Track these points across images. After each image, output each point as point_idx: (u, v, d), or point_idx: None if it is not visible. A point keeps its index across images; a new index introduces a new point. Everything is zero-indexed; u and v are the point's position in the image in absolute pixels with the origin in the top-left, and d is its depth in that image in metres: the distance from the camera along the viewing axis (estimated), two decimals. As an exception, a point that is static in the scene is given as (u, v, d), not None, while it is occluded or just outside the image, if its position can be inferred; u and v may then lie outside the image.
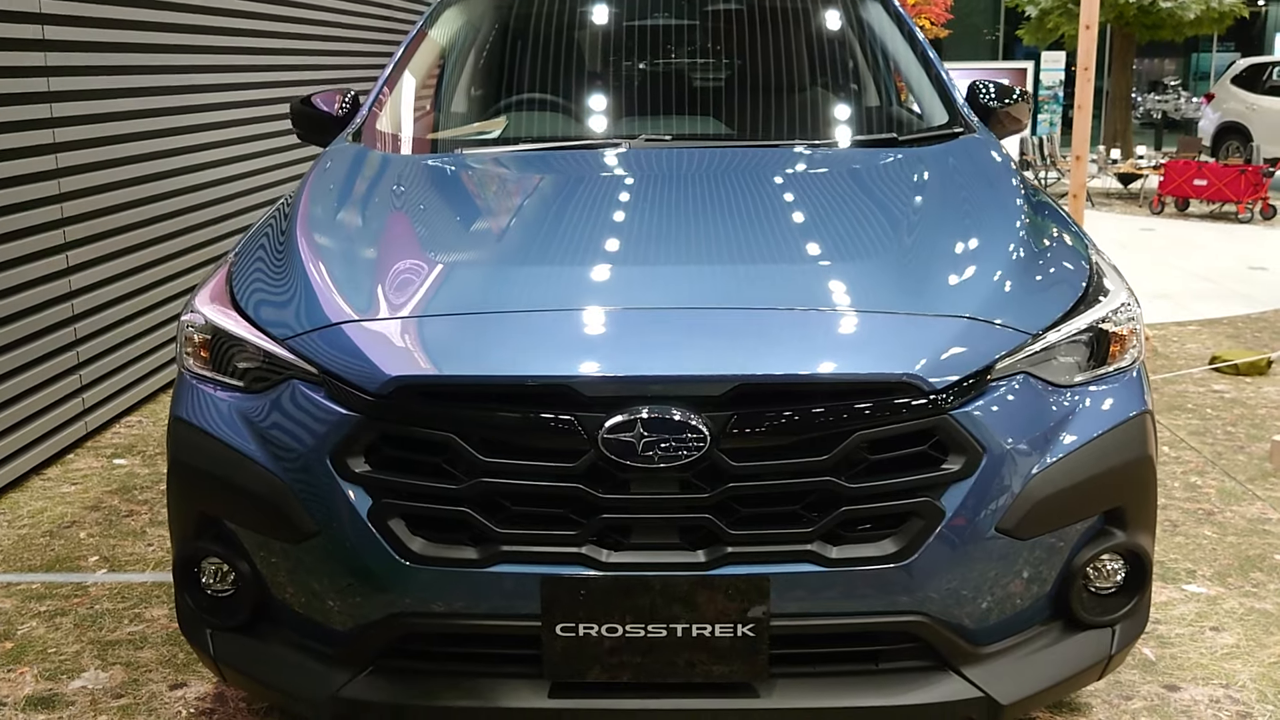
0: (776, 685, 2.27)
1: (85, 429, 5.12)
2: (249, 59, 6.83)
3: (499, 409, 2.19)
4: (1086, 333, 2.41)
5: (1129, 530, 2.40)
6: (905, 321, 2.32)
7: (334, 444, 2.24)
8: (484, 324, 2.34)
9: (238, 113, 6.66)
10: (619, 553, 2.21)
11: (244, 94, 6.74)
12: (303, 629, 2.39)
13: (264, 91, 6.97)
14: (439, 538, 2.24)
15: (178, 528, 2.50)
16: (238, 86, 6.67)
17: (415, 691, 2.30)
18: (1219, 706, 2.95)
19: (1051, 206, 3.02)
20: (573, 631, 2.21)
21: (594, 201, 2.96)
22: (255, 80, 6.86)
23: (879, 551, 2.21)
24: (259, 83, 6.91)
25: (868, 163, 3.25)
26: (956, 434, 2.21)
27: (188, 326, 2.57)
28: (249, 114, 6.80)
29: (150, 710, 3.00)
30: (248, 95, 6.78)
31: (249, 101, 6.79)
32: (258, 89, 6.89)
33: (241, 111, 6.70)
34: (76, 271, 5.02)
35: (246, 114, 6.76)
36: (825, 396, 2.19)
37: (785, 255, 2.60)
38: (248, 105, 6.78)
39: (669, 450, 2.14)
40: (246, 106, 6.77)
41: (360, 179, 3.17)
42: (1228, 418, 5.51)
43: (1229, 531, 4.06)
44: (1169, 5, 17.09)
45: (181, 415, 2.49)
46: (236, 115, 6.64)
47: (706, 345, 2.25)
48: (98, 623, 3.47)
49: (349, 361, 2.27)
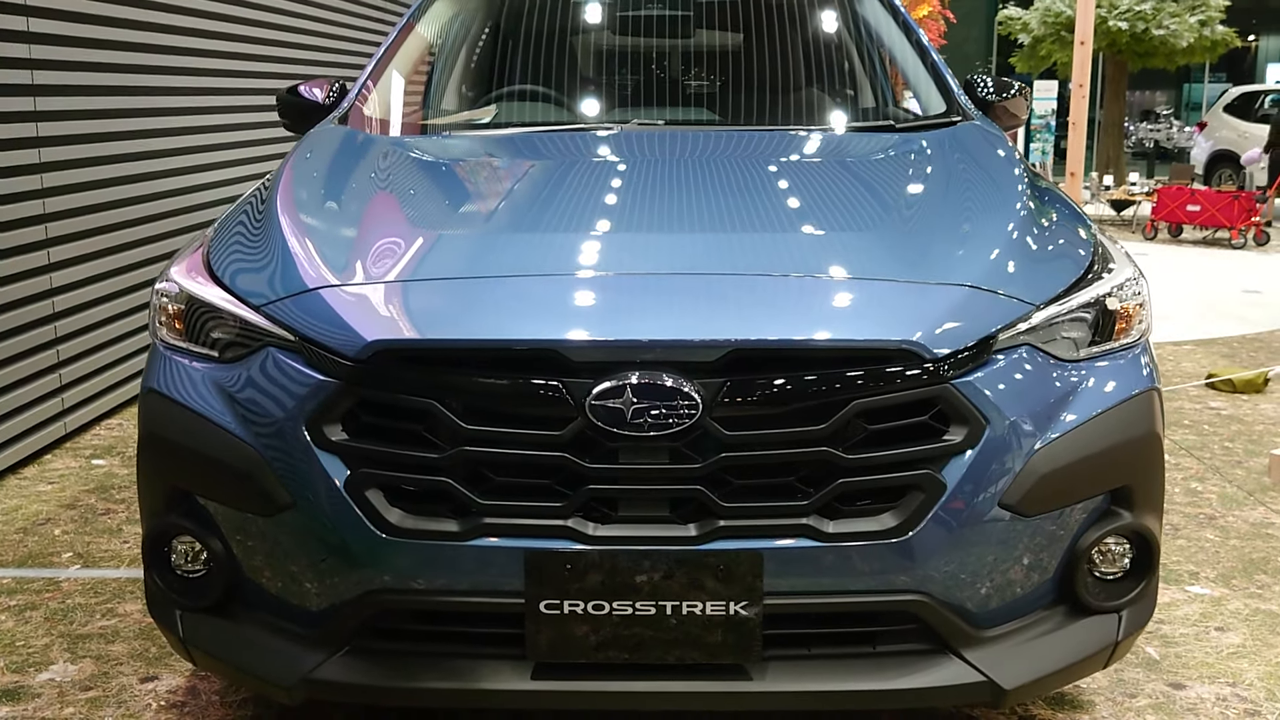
0: (770, 667, 2.17)
1: (64, 430, 5.02)
2: (230, 64, 6.77)
3: (482, 374, 2.10)
4: (1091, 307, 2.34)
5: (1135, 511, 2.31)
6: (905, 289, 2.24)
7: (310, 411, 2.15)
8: (468, 288, 2.25)
9: (221, 118, 6.57)
10: (606, 526, 2.12)
11: (226, 99, 6.65)
12: (275, 609, 2.28)
13: (244, 98, 6.90)
14: (418, 510, 2.14)
15: (148, 503, 2.40)
16: (220, 91, 6.60)
17: (392, 673, 2.20)
18: (1226, 704, 2.85)
19: (1053, 190, 2.95)
20: (557, 609, 2.11)
21: (585, 176, 2.89)
22: (236, 86, 6.77)
23: (878, 526, 2.12)
24: (240, 89, 6.81)
25: (865, 144, 3.18)
26: (958, 404, 2.12)
27: (161, 296, 2.48)
28: (232, 120, 6.71)
29: (119, 703, 2.88)
30: (229, 100, 6.69)
31: (231, 107, 6.70)
32: (239, 94, 6.79)
33: (224, 117, 6.60)
34: (58, 269, 4.93)
35: (229, 120, 6.68)
36: (822, 363, 2.10)
37: (781, 225, 2.52)
38: (231, 111, 6.70)
39: (659, 418, 2.06)
40: (229, 112, 6.68)
41: (344, 155, 3.09)
42: (1225, 434, 5.43)
43: (1231, 535, 3.97)
44: (1161, 33, 17.14)
45: (153, 386, 2.39)
46: (220, 120, 6.55)
47: (699, 310, 2.17)
48: (69, 617, 3.36)
49: (327, 327, 2.18)
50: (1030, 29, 18.72)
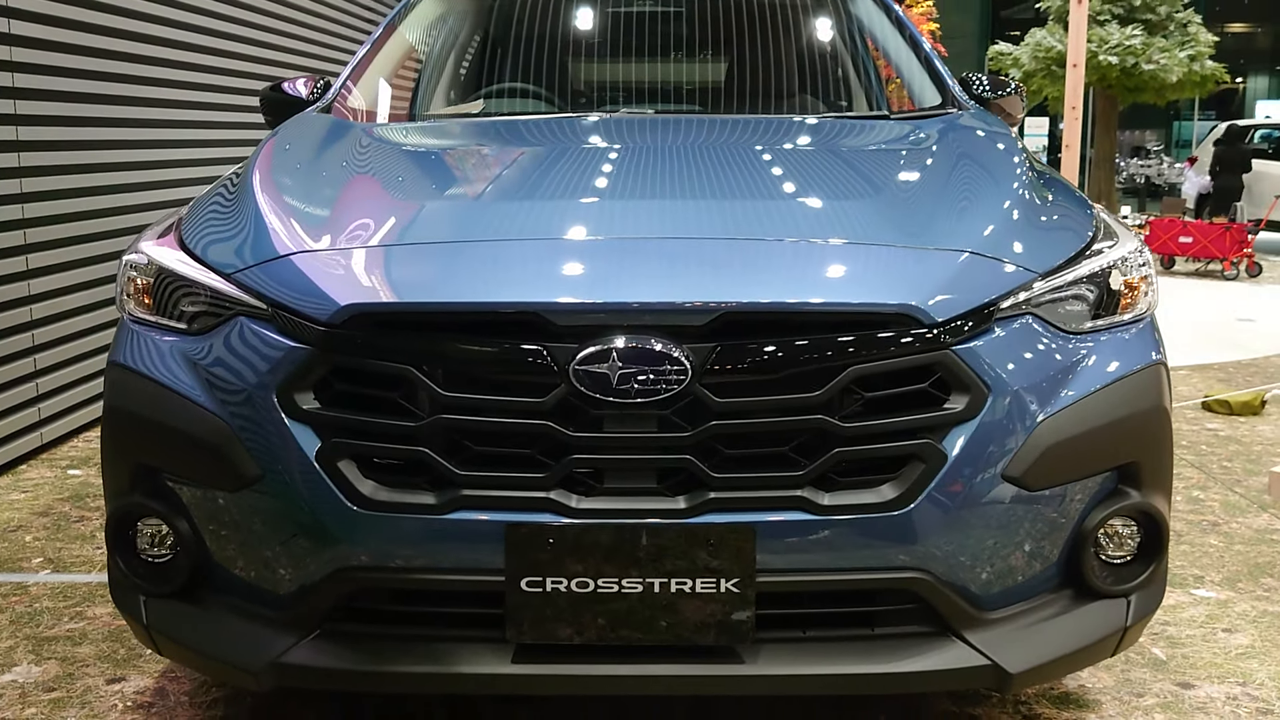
0: (763, 650, 2.06)
1: (41, 440, 4.90)
2: (208, 78, 6.71)
3: (461, 339, 2.01)
4: (1096, 278, 2.25)
5: (1144, 490, 2.21)
6: (903, 253, 2.15)
7: (280, 379, 2.05)
8: (447, 251, 2.17)
9: (202, 133, 6.49)
10: (591, 498, 2.01)
11: (207, 114, 6.58)
12: (244, 592, 2.17)
13: (224, 113, 6.83)
14: (393, 481, 2.04)
15: (112, 482, 2.29)
16: (201, 105, 6.53)
17: (365, 657, 2.08)
18: (1237, 703, 2.74)
19: (1053, 172, 2.88)
20: (539, 587, 2.00)
21: (573, 152, 2.81)
22: (215, 101, 6.70)
23: (876, 498, 2.01)
24: (218, 104, 6.74)
25: (861, 128, 3.11)
26: (959, 371, 2.03)
27: (130, 267, 2.38)
28: (212, 118, 6.61)
29: (84, 704, 2.76)
30: (210, 116, 6.62)
31: (212, 123, 6.63)
32: (217, 110, 6.72)
33: (204, 114, 6.51)
34: (36, 276, 4.83)
35: (209, 117, 6.58)
36: (816, 328, 2.01)
37: (775, 194, 2.44)
38: (211, 127, 6.62)
39: (647, 384, 1.96)
40: (209, 128, 6.61)
41: (324, 137, 3.00)
42: (1223, 454, 5.33)
43: (1236, 541, 3.87)
44: (1151, 68, 17.22)
45: (118, 360, 2.29)
46: (199, 116, 6.46)
47: (689, 272, 2.08)
48: (35, 620, 3.24)
49: (299, 292, 2.09)
50: (1021, 64, 18.80)
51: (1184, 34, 17.85)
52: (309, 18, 8.24)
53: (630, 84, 3.72)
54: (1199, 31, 17.92)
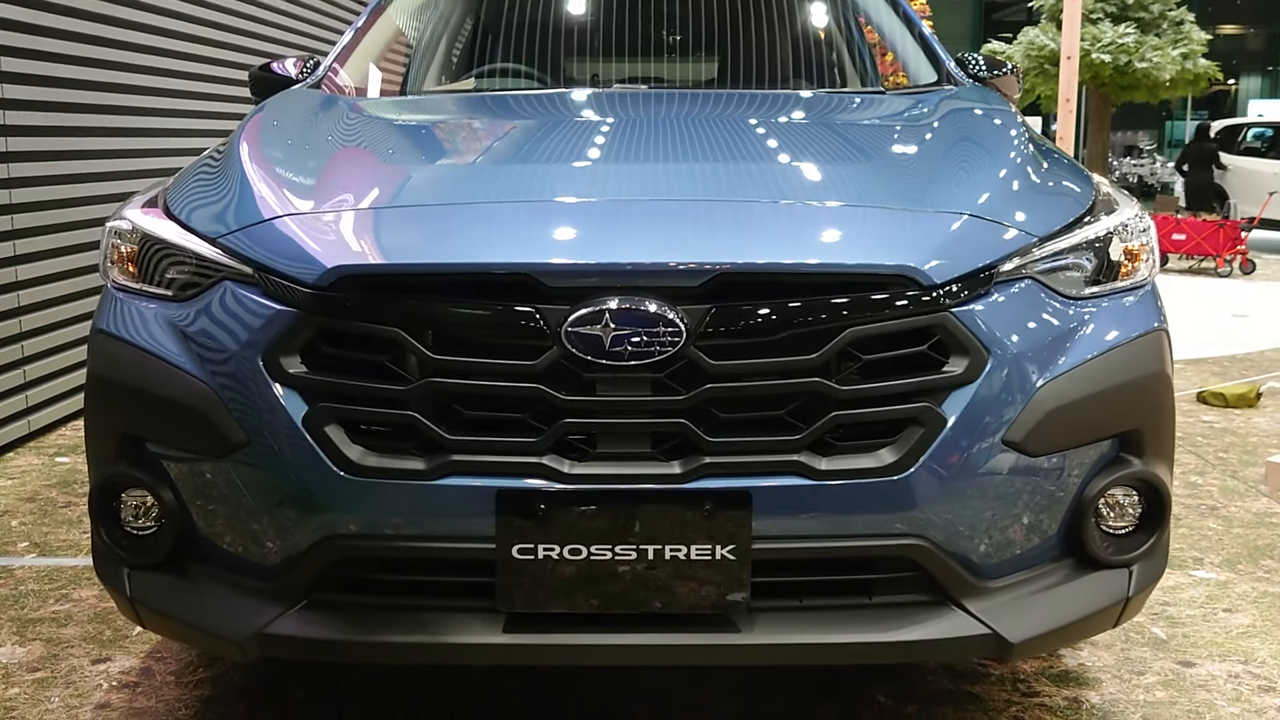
0: (759, 619, 2.01)
1: (28, 428, 4.85)
2: (202, 85, 6.67)
3: (451, 301, 1.96)
4: (1096, 245, 2.21)
5: (1145, 458, 2.17)
6: (901, 215, 2.12)
7: (267, 343, 2.00)
8: (437, 213, 2.13)
9: (188, 122, 6.45)
10: (583, 464, 1.97)
11: (194, 123, 6.54)
12: (229, 562, 2.12)
13: (211, 114, 6.80)
14: (381, 447, 1.99)
15: (95, 451, 2.24)
16: (186, 94, 6.49)
17: (352, 627, 2.03)
18: (1239, 681, 2.71)
19: (1052, 144, 2.84)
20: (531, 554, 1.96)
21: (565, 119, 2.77)
22: (200, 90, 6.67)
23: (874, 463, 1.97)
24: (203, 93, 6.71)
25: (859, 100, 3.08)
26: (958, 334, 1.99)
27: (114, 234, 2.33)
28: (202, 145, 6.59)
29: (68, 683, 2.71)
30: (198, 125, 6.58)
31: (201, 131, 6.59)
32: (205, 118, 6.68)
33: (191, 122, 6.49)
34: (24, 262, 4.78)
35: (199, 144, 6.56)
36: (813, 290, 1.97)
37: (771, 158, 2.40)
38: (200, 136, 6.58)
39: (640, 346, 1.91)
40: (197, 137, 6.57)
41: (313, 109, 2.95)
42: (1219, 445, 5.31)
43: (1234, 524, 3.84)
44: (1144, 66, 17.22)
45: (102, 327, 2.24)
46: (187, 124, 6.44)
47: (684, 233, 2.03)
48: (20, 602, 3.19)
49: (286, 255, 2.04)
50: (1014, 62, 18.79)
51: (1177, 32, 17.86)
52: (297, 23, 8.21)
53: (624, 65, 3.69)
54: (1191, 29, 17.93)
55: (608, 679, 2.64)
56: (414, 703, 2.59)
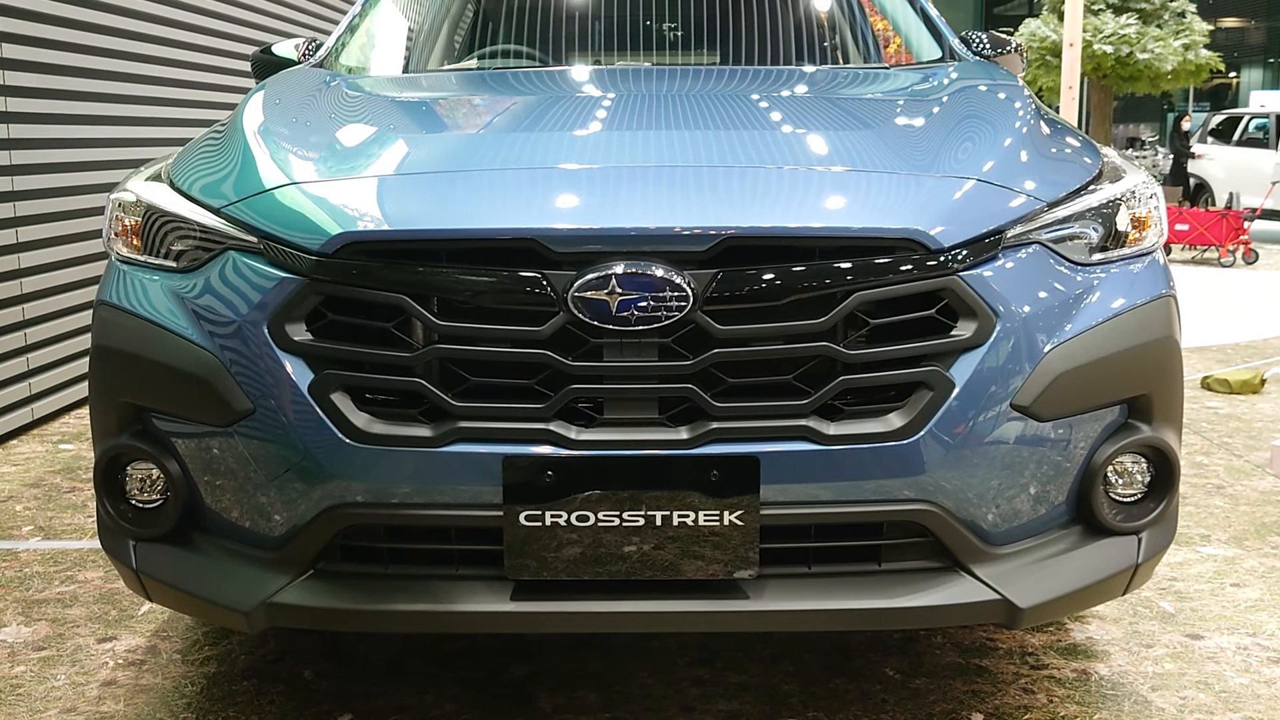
0: (768, 585, 2.00)
1: (32, 416, 4.84)
2: (203, 75, 6.66)
3: (457, 268, 1.95)
4: (1104, 210, 2.20)
5: (1154, 424, 2.16)
6: (908, 180, 2.11)
7: (272, 310, 2.00)
8: (442, 180, 2.12)
9: (191, 112, 6.45)
10: (590, 430, 1.96)
11: (197, 113, 6.54)
12: (235, 533, 2.12)
13: (213, 104, 6.78)
14: (387, 414, 1.98)
15: (100, 423, 2.23)
16: (186, 102, 6.48)
17: (359, 595, 2.03)
18: (1248, 653, 2.70)
19: (1057, 115, 2.83)
20: (538, 520, 1.95)
21: (569, 93, 2.76)
22: (206, 100, 6.67)
23: (883, 428, 1.96)
24: (209, 102, 6.72)
25: (864, 74, 3.07)
26: (967, 297, 1.98)
27: (118, 206, 2.33)
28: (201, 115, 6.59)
29: (74, 662, 2.71)
30: (200, 95, 6.58)
31: (202, 121, 6.58)
32: (208, 109, 6.67)
33: (194, 112, 6.48)
34: (26, 250, 4.77)
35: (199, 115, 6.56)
36: (820, 254, 1.96)
37: (776, 125, 2.39)
38: (200, 106, 6.58)
39: (647, 311, 1.91)
40: (199, 107, 6.57)
41: (316, 86, 2.94)
42: (1224, 430, 5.29)
43: (1241, 502, 3.83)
44: (1145, 57, 17.19)
45: (107, 299, 2.24)
46: (190, 114, 6.43)
47: (690, 198, 2.02)
48: (25, 584, 3.19)
49: (291, 224, 2.03)
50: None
51: (1178, 23, 17.82)
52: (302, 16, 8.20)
53: (627, 45, 3.67)
54: (1193, 20, 17.90)
55: (615, 654, 2.64)
56: (420, 681, 2.58)
